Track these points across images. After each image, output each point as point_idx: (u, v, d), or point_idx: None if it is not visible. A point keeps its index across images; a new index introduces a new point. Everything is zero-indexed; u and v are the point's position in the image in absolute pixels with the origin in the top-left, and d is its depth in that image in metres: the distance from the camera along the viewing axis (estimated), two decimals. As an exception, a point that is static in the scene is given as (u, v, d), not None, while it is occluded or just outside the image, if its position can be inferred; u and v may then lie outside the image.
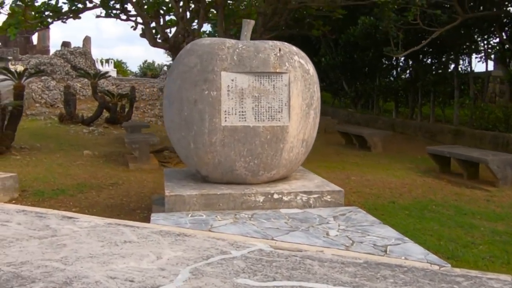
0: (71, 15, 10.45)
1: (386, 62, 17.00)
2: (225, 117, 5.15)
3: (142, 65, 56.21)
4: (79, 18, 10.70)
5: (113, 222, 4.55)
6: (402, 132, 14.52)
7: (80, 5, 10.15)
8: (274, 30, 11.17)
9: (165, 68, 53.59)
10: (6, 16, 10.08)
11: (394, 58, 16.28)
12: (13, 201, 6.88)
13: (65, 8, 10.25)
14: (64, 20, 10.75)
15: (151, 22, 10.40)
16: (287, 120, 5.23)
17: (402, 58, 15.85)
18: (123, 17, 10.51)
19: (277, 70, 5.19)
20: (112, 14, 10.25)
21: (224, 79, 5.13)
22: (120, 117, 16.10)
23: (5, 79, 12.14)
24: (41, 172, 8.72)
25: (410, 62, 15.79)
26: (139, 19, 10.85)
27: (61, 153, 10.99)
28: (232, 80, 5.15)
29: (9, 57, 26.86)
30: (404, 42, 11.95)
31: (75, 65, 21.98)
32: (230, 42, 5.34)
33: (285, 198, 5.18)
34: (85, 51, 23.05)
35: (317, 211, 5.05)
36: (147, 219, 6.18)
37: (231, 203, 5.08)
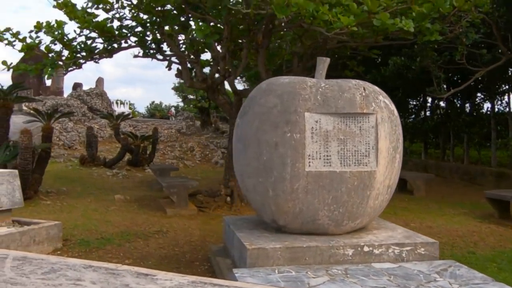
0: (104, 55, 10.17)
1: (413, 103, 16.70)
2: (309, 162, 4.71)
3: (149, 106, 56.18)
4: (111, 57, 10.44)
5: (197, 281, 4.03)
6: (436, 174, 14.04)
7: (115, 45, 9.86)
8: (311, 70, 10.88)
9: (172, 109, 53.52)
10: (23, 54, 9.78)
11: (422, 98, 16.02)
12: (58, 252, 6.38)
13: (100, 47, 9.97)
14: (96, 60, 10.47)
15: (187, 62, 10.10)
16: (375, 164, 4.80)
17: (430, 99, 15.58)
18: (159, 57, 10.22)
19: (364, 111, 4.80)
20: (149, 54, 9.96)
21: (308, 120, 4.72)
22: (142, 159, 15.69)
23: (32, 120, 11.80)
24: (78, 218, 8.22)
25: (441, 103, 15.48)
26: (174, 59, 10.58)
27: (91, 197, 10.51)
28: (316, 122, 4.74)
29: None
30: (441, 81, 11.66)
31: (91, 106, 21.72)
32: (311, 80, 4.96)
33: (375, 251, 4.69)
34: (101, 92, 22.84)
35: (413, 266, 4.55)
36: (210, 273, 5.68)
37: (318, 257, 4.59)
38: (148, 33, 9.87)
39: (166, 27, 9.70)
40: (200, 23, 7.71)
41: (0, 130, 10.40)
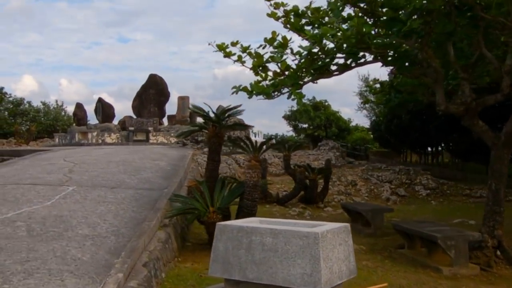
0: (335, 73, 8.42)
1: None
2: None
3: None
4: (339, 74, 8.67)
5: None
6: None
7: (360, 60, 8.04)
8: None
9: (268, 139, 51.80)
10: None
11: None
12: None
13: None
14: (316, 80, 8.69)
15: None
16: None
17: None
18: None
19: None
20: (406, 69, 8.06)
21: None
22: (315, 195, 13.80)
23: (235, 152, 10.23)
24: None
25: None
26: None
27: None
28: None
29: (149, 128, 25.91)
30: None
31: (229, 135, 20.26)
32: None
33: None
34: (238, 120, 21.35)
35: None
36: None
37: None
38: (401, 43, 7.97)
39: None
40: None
41: (211, 164, 8.83)
